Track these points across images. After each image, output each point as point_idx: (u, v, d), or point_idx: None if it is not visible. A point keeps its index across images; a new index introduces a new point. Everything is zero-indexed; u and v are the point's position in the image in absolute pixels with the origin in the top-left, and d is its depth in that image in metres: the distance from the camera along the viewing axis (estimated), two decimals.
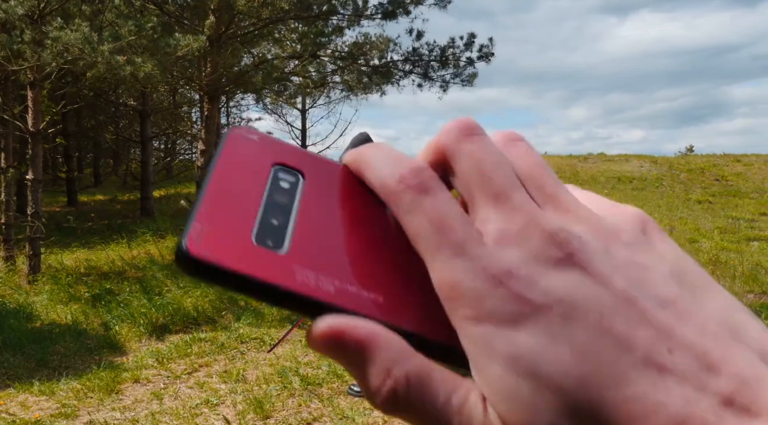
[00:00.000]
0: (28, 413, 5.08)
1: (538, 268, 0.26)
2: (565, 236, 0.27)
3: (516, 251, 0.27)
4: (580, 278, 0.26)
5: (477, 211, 0.29)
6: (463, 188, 0.30)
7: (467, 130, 0.30)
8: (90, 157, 25.15)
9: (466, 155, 0.29)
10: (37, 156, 9.04)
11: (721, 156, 23.51)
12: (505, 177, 0.29)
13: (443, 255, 0.27)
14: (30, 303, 8.02)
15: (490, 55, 10.86)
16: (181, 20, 9.32)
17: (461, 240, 0.27)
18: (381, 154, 0.31)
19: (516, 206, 0.28)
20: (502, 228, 0.27)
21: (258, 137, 0.33)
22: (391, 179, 0.29)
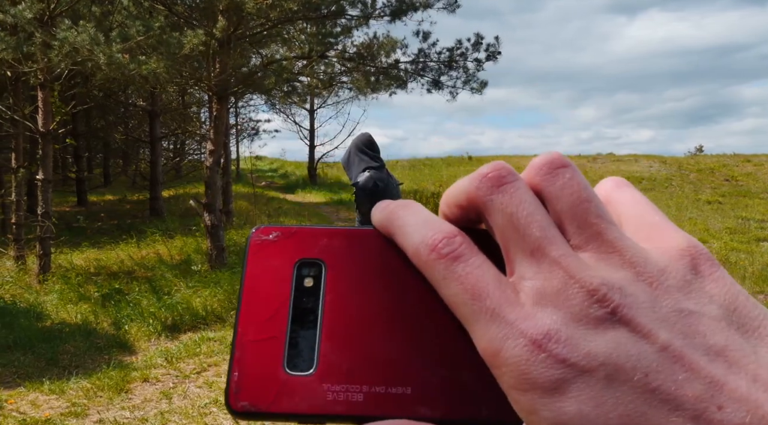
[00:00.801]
0: (39, 412, 5.11)
1: (579, 329, 0.26)
2: (605, 291, 0.26)
3: (555, 311, 0.26)
4: (624, 336, 0.25)
5: (514, 267, 0.28)
6: (501, 243, 0.29)
7: (497, 180, 0.29)
8: (100, 157, 25.25)
9: (498, 210, 0.28)
10: (47, 156, 9.09)
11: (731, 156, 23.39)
12: (540, 229, 0.28)
13: (481, 323, 0.27)
14: (40, 303, 8.07)
15: (497, 53, 10.83)
16: (190, 21, 9.35)
17: (497, 305, 0.27)
18: (411, 218, 0.30)
19: (553, 261, 0.27)
20: (540, 287, 0.27)
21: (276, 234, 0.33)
22: (424, 248, 0.29)
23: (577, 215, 0.28)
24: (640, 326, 0.25)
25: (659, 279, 0.27)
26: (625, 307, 0.25)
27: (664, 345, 0.25)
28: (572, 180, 0.29)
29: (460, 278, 0.27)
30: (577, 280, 0.26)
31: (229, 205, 13.68)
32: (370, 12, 9.76)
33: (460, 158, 28.87)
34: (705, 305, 0.26)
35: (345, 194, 19.54)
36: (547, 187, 0.29)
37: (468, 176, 0.30)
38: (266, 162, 36.34)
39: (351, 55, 10.86)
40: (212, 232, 9.53)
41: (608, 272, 0.27)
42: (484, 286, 0.27)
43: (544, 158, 0.30)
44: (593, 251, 0.28)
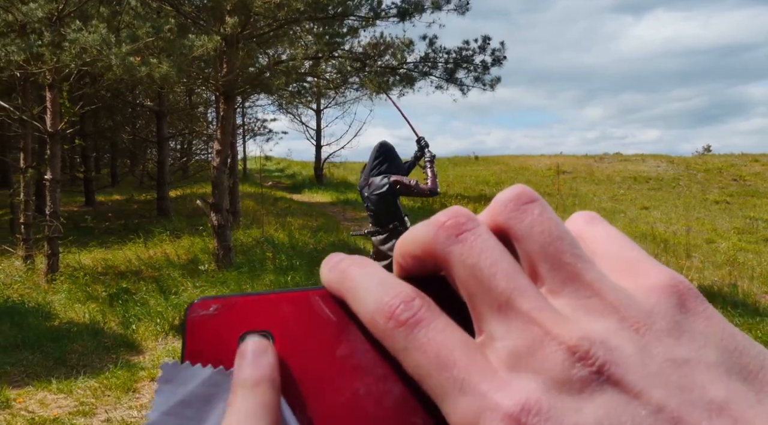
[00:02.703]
0: (47, 410, 5.13)
1: (562, 397, 0.22)
2: (587, 347, 0.23)
3: (533, 377, 0.23)
4: (614, 400, 0.22)
5: (483, 325, 0.25)
6: (466, 299, 0.26)
7: (455, 228, 0.26)
8: (107, 157, 25.35)
9: (459, 262, 0.25)
10: (56, 156, 9.13)
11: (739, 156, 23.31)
12: (507, 279, 0.25)
13: (451, 396, 0.24)
14: (48, 302, 8.11)
15: (502, 58, 10.84)
16: (198, 21, 9.37)
17: (466, 374, 0.23)
18: (365, 280, 0.27)
19: (525, 316, 0.24)
20: (512, 348, 0.24)
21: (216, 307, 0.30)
22: (380, 316, 0.25)
23: (549, 256, 0.25)
24: (630, 385, 0.22)
25: (646, 323, 0.24)
26: (612, 364, 0.22)
27: (659, 406, 0.22)
28: (542, 216, 0.26)
29: (422, 347, 0.24)
30: (554, 336, 0.23)
31: (236, 205, 13.71)
32: (377, 12, 9.76)
33: (467, 158, 28.81)
34: (699, 350, 0.23)
35: (351, 194, 19.56)
36: (514, 225, 0.26)
37: (423, 224, 0.27)
38: (273, 162, 36.39)
39: (358, 55, 10.87)
40: (219, 232, 9.55)
41: (589, 321, 0.24)
42: (449, 353, 0.24)
43: (510, 193, 0.27)
44: (570, 296, 0.25)
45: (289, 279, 8.97)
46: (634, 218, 15.50)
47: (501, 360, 0.24)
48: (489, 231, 0.26)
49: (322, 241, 11.92)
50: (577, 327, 0.23)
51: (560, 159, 25.57)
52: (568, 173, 22.51)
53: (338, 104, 25.79)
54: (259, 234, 12.06)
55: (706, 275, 9.73)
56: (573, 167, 23.58)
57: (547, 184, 20.68)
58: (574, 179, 21.76)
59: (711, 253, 11.70)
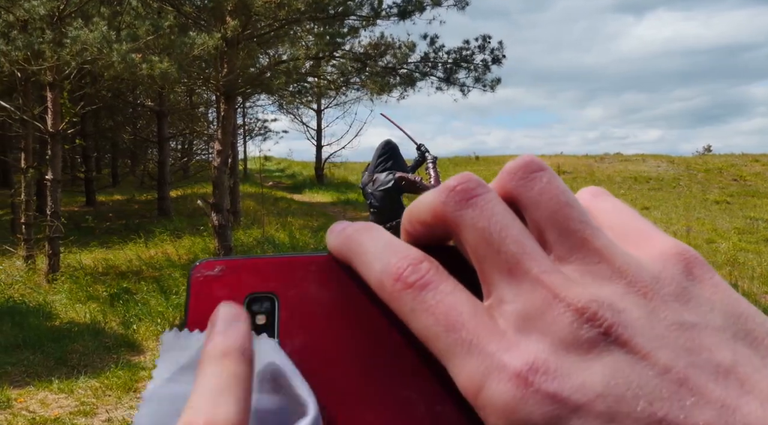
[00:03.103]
0: (48, 410, 5.14)
1: (570, 356, 0.22)
2: (595, 309, 0.23)
3: (541, 338, 0.23)
4: (621, 360, 0.22)
5: (491, 289, 0.25)
6: (475, 263, 0.26)
7: (466, 193, 0.26)
8: (108, 157, 25.34)
9: (469, 226, 0.25)
10: (57, 156, 9.14)
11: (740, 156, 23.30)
12: (517, 243, 0.25)
13: (458, 357, 0.24)
14: (49, 302, 8.11)
15: (501, 58, 10.84)
16: (198, 21, 9.38)
17: (474, 335, 0.24)
18: (371, 243, 0.27)
19: (534, 279, 0.24)
20: (521, 310, 0.24)
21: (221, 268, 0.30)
22: (387, 278, 0.26)
23: (558, 222, 0.25)
24: (638, 346, 0.22)
25: (654, 288, 0.24)
26: (620, 325, 0.23)
27: (667, 367, 0.22)
28: (550, 184, 0.26)
29: (430, 309, 0.24)
30: (563, 298, 0.23)
31: (236, 205, 13.71)
32: (377, 12, 9.76)
33: (467, 158, 28.81)
34: (706, 315, 0.24)
35: (352, 194, 19.55)
36: (523, 193, 0.26)
37: (433, 190, 0.27)
38: (273, 162, 36.38)
39: (358, 55, 10.87)
40: (220, 232, 9.55)
41: (597, 286, 0.24)
42: (458, 315, 0.24)
43: (519, 162, 0.27)
44: (578, 262, 0.25)
45: None
46: None
47: (509, 322, 0.24)
48: (498, 197, 0.26)
49: (322, 241, 11.88)
50: (586, 290, 0.24)
51: (561, 159, 25.57)
52: (569, 173, 22.51)
53: (339, 104, 25.77)
54: (260, 234, 12.06)
55: None
56: (573, 167, 23.59)
57: None
58: (574, 179, 21.76)
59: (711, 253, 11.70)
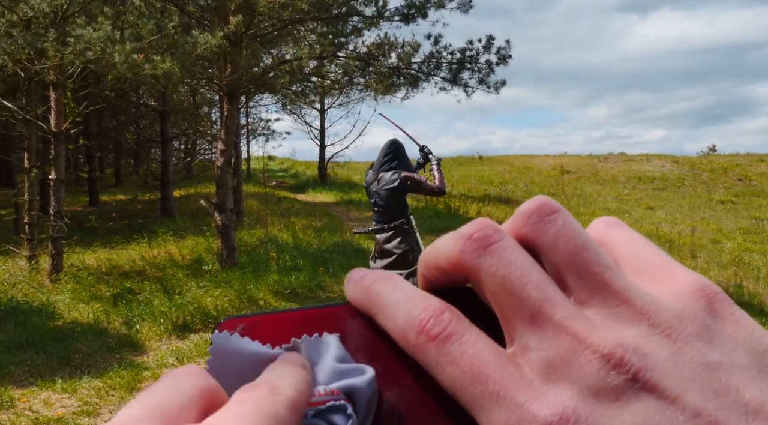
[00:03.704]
0: (51, 410, 5.14)
1: (600, 404, 0.22)
2: (621, 353, 0.23)
3: (569, 386, 0.23)
4: (651, 406, 0.22)
5: (515, 336, 0.25)
6: (496, 311, 0.26)
7: (482, 241, 0.26)
8: (111, 157, 25.40)
9: (488, 274, 0.25)
10: (60, 156, 9.14)
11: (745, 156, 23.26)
12: (538, 289, 0.25)
13: (487, 409, 0.24)
14: (52, 302, 8.12)
15: (507, 57, 10.82)
16: (202, 21, 9.38)
17: (502, 386, 0.23)
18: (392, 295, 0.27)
19: (557, 325, 0.24)
20: (546, 358, 0.24)
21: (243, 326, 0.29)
22: (411, 331, 0.25)
23: (576, 266, 0.25)
24: (666, 390, 0.22)
25: (677, 328, 0.24)
26: (647, 370, 0.22)
27: (697, 411, 0.22)
28: (566, 227, 0.26)
29: (455, 361, 0.24)
30: (588, 345, 0.23)
31: (239, 205, 13.71)
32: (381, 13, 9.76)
33: (471, 158, 28.81)
34: (731, 353, 0.23)
35: (355, 194, 19.55)
36: (539, 237, 0.26)
37: (449, 236, 0.27)
38: (277, 162, 36.44)
39: (362, 55, 10.87)
40: (223, 232, 9.55)
41: (620, 328, 0.24)
42: (483, 366, 0.24)
43: (532, 205, 0.27)
44: (600, 306, 0.25)
45: (293, 279, 8.98)
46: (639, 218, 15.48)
47: (535, 370, 0.24)
48: (516, 243, 0.26)
49: (326, 241, 11.92)
50: (610, 334, 0.23)
51: (564, 159, 25.55)
52: (573, 173, 22.49)
53: (342, 104, 25.79)
54: (263, 234, 12.06)
55: (711, 275, 9.70)
56: (577, 167, 23.56)
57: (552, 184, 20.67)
58: (578, 179, 21.74)
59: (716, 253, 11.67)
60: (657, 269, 0.26)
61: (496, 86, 11.06)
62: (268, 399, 0.23)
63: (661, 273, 0.26)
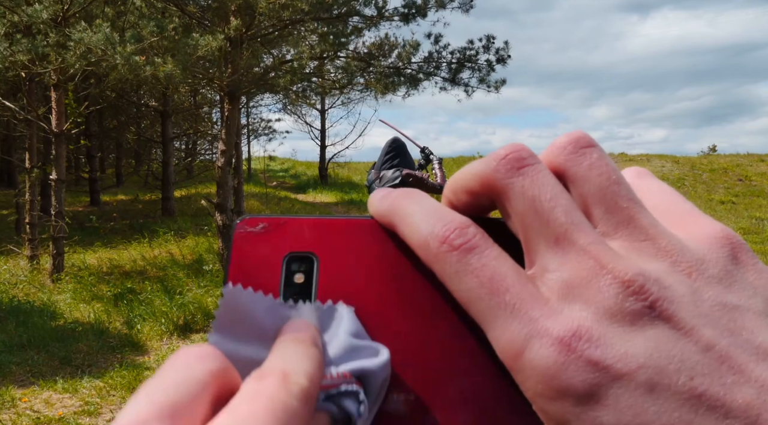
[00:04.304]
0: (52, 410, 5.14)
1: (614, 326, 0.23)
2: (641, 282, 0.23)
3: (585, 307, 0.23)
4: (664, 334, 0.22)
5: (536, 258, 0.25)
6: (519, 231, 0.26)
7: (517, 162, 0.26)
8: (112, 157, 25.38)
9: (518, 194, 0.26)
10: (61, 157, 9.15)
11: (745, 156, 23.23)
12: (566, 214, 0.25)
13: (500, 320, 0.24)
14: (53, 302, 8.12)
15: (506, 58, 10.82)
16: (202, 22, 9.39)
17: (518, 300, 0.24)
18: (417, 208, 0.27)
19: (581, 249, 0.24)
20: (566, 279, 0.24)
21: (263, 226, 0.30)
22: (433, 240, 0.26)
23: (605, 199, 0.26)
24: (681, 322, 0.22)
25: (698, 269, 0.24)
26: (665, 300, 0.23)
27: (709, 344, 0.22)
28: (600, 161, 0.26)
29: (475, 271, 0.25)
30: (610, 270, 0.23)
31: (240, 205, 13.72)
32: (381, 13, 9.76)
33: (471, 158, 28.79)
34: (749, 299, 0.24)
35: (356, 194, 19.55)
36: (572, 167, 0.26)
37: (481, 159, 0.27)
38: (277, 162, 36.41)
39: (362, 55, 10.87)
40: (224, 232, 9.56)
41: (643, 261, 0.24)
42: (502, 279, 0.24)
43: (569, 137, 0.27)
44: (624, 239, 0.25)
45: None
46: None
47: (552, 290, 0.24)
48: (548, 169, 0.26)
49: None
50: (633, 263, 0.24)
51: None
52: None
53: (343, 104, 25.78)
54: None
55: None
56: None
57: None
58: None
59: None
60: (684, 216, 0.27)
61: (497, 85, 11.06)
62: (281, 391, 0.23)
63: (688, 221, 0.27)
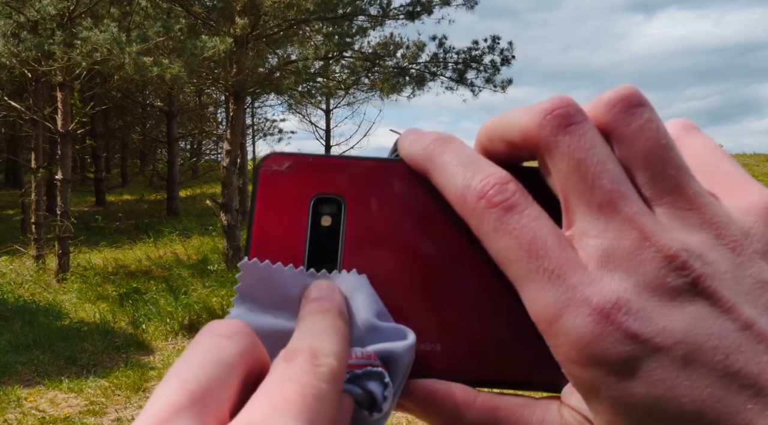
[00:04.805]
0: (58, 410, 5.15)
1: (653, 300, 0.22)
2: (685, 257, 0.22)
3: (625, 277, 0.23)
4: (704, 311, 0.22)
5: (575, 220, 0.24)
6: (560, 190, 0.25)
7: (565, 118, 0.25)
8: (117, 157, 25.45)
9: (564, 153, 0.24)
10: (67, 157, 9.17)
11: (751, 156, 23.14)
12: (612, 181, 0.24)
13: (536, 284, 0.23)
14: (59, 301, 8.14)
15: (511, 59, 10.82)
16: (208, 22, 9.40)
17: (557, 265, 0.23)
18: (454, 156, 0.26)
19: (625, 219, 0.23)
20: (607, 247, 0.23)
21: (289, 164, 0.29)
22: (471, 194, 0.25)
23: (653, 164, 0.24)
24: (722, 300, 0.22)
25: (743, 244, 0.23)
26: (707, 277, 0.22)
27: (748, 323, 0.22)
28: (651, 123, 0.25)
29: (514, 232, 0.24)
30: (653, 243, 0.23)
31: (245, 205, 13.74)
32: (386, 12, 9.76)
33: None
34: None
35: None
36: (619, 127, 0.25)
37: (524, 109, 0.26)
38: None
39: (367, 54, 10.87)
40: (229, 232, 9.57)
41: (687, 233, 0.23)
42: (542, 242, 0.24)
43: (619, 93, 0.25)
44: (668, 206, 0.24)
45: None
46: None
47: (591, 256, 0.23)
48: (596, 128, 0.25)
49: None
50: (677, 236, 0.23)
51: None
52: None
53: (348, 104, 25.77)
54: None
55: None
56: None
57: None
58: None
59: None
60: (731, 179, 0.26)
61: (503, 85, 11.06)
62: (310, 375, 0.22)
63: (734, 185, 0.26)
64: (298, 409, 0.21)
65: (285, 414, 0.21)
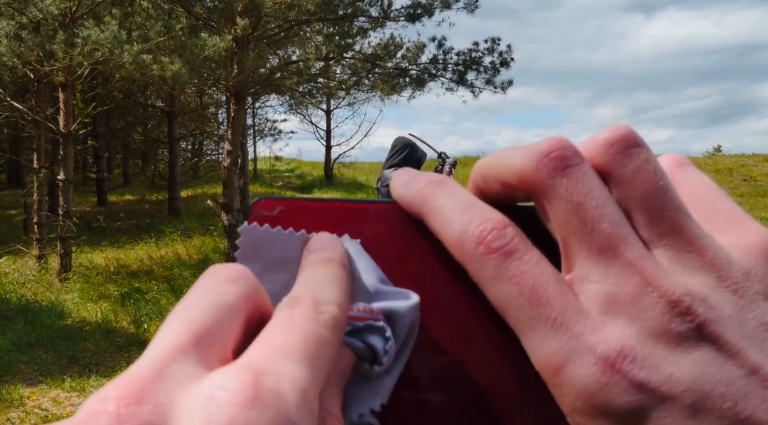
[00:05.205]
0: (60, 409, 5.18)
1: (659, 347, 0.22)
2: (689, 302, 0.22)
3: (629, 324, 0.22)
4: (710, 357, 0.22)
5: (575, 264, 0.24)
6: (559, 233, 0.24)
7: (563, 160, 0.24)
8: (119, 157, 25.43)
9: (562, 197, 0.24)
10: (69, 157, 9.19)
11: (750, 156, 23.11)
12: (612, 224, 0.24)
13: (539, 332, 0.23)
14: (61, 301, 8.17)
15: (510, 61, 10.85)
16: (209, 23, 9.42)
17: (560, 313, 0.23)
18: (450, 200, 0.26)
19: (627, 263, 0.23)
20: (609, 292, 0.23)
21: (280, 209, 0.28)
22: (469, 240, 0.24)
23: (651, 206, 0.24)
24: (728, 345, 0.22)
25: (744, 286, 0.23)
26: (712, 322, 0.22)
27: (755, 368, 0.21)
28: (648, 164, 0.25)
29: (514, 279, 0.23)
30: (656, 288, 0.22)
31: (246, 205, 13.75)
32: (387, 13, 9.78)
33: (476, 158, 28.72)
34: None
35: (361, 194, 19.55)
36: (616, 169, 0.25)
37: (519, 150, 0.25)
38: (283, 162, 36.40)
39: (368, 55, 10.89)
40: (230, 232, 9.59)
41: (688, 276, 0.23)
42: (544, 289, 0.23)
43: (615, 134, 0.25)
44: (668, 248, 0.24)
45: None
46: None
47: (592, 301, 0.23)
48: (593, 170, 0.25)
49: None
50: (679, 280, 0.23)
51: None
52: None
53: (349, 105, 25.77)
54: None
55: None
56: None
57: None
58: None
59: None
60: (727, 217, 0.26)
61: (503, 86, 11.08)
62: (312, 321, 0.23)
63: (730, 223, 0.25)
64: (299, 352, 0.21)
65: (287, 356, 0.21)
